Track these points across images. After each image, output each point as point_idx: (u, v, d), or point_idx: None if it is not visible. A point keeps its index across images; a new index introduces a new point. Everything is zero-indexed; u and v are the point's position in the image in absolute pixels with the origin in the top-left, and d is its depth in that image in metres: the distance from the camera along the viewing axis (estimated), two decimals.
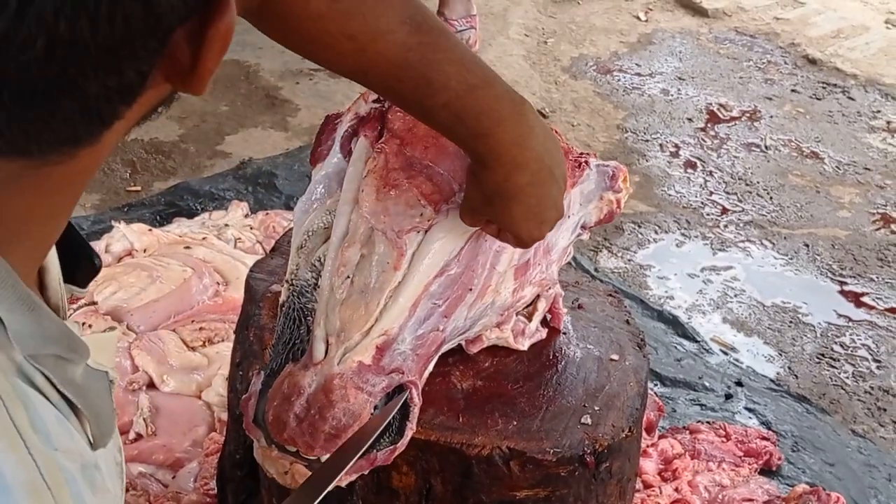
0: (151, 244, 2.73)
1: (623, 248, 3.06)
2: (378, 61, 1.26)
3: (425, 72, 1.26)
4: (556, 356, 1.61)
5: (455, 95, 1.27)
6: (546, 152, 1.35)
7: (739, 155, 3.55)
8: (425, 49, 1.26)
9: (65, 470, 0.78)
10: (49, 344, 0.82)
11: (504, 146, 1.31)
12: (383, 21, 1.25)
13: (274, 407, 1.35)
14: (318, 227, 1.51)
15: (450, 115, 1.28)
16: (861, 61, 4.13)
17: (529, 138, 1.32)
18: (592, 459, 1.45)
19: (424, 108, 1.29)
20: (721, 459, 2.30)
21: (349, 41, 1.24)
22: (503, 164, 1.32)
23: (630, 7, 4.48)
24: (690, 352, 2.69)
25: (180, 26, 0.72)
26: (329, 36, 1.24)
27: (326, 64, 1.31)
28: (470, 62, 1.29)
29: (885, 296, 2.95)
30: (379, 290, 1.41)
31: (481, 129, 1.30)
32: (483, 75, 1.30)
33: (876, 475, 2.38)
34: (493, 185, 1.34)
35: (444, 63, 1.27)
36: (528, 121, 1.33)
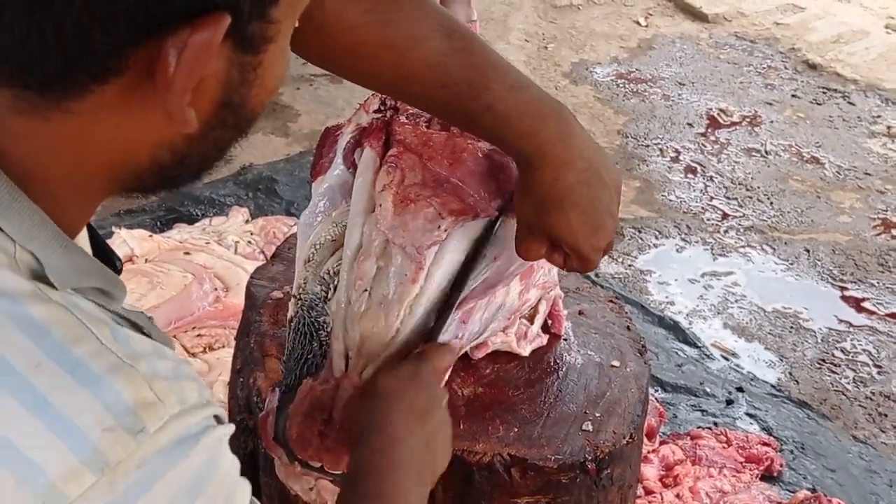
0: (152, 250, 2.72)
1: (624, 254, 3.06)
2: (418, 69, 1.26)
3: (466, 75, 1.26)
4: (556, 363, 1.60)
5: (498, 97, 1.27)
6: (591, 152, 1.34)
7: (740, 160, 3.55)
8: (463, 53, 1.26)
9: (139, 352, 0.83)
10: (87, 277, 0.86)
11: (549, 143, 1.30)
12: (419, 28, 1.25)
13: (297, 424, 1.34)
14: (325, 240, 1.50)
15: (494, 117, 1.28)
16: (861, 66, 4.13)
17: (573, 136, 1.31)
18: (594, 466, 1.45)
19: (468, 112, 1.28)
20: (722, 465, 2.30)
21: (388, 50, 1.24)
22: (550, 163, 1.30)
23: (630, 12, 4.48)
24: (691, 357, 2.69)
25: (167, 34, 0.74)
26: (367, 46, 1.23)
27: (367, 78, 1.30)
28: (505, 65, 1.29)
29: (886, 301, 2.95)
30: (398, 302, 1.39)
31: (525, 128, 1.29)
32: (519, 77, 1.30)
33: (877, 481, 2.38)
34: (543, 187, 1.32)
35: (482, 66, 1.27)
36: (569, 119, 1.32)
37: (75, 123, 0.79)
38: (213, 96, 0.81)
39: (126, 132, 0.81)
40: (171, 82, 0.76)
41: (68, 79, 0.76)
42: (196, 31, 0.75)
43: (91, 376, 0.78)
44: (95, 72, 0.76)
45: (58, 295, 0.81)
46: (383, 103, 1.58)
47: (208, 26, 0.75)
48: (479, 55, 1.27)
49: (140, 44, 0.75)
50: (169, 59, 0.75)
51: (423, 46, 1.25)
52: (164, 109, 0.78)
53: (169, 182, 0.89)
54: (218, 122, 0.84)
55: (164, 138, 0.82)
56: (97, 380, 0.78)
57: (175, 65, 0.75)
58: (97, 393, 0.78)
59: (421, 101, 1.33)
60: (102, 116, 0.79)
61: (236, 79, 0.82)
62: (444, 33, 1.26)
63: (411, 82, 1.27)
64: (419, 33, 1.25)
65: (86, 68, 0.75)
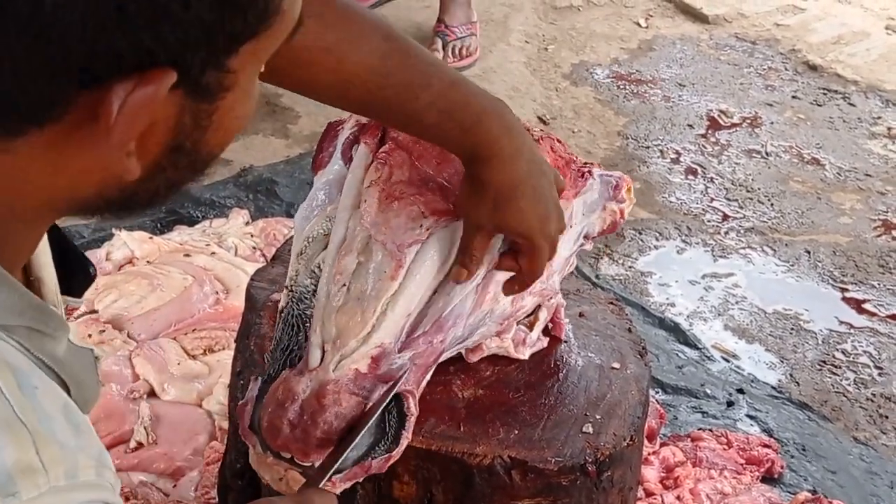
0: (152, 252, 2.72)
1: (624, 255, 3.06)
2: (359, 72, 1.27)
3: (406, 76, 1.27)
4: (557, 365, 1.61)
5: (438, 93, 1.28)
6: (532, 144, 1.36)
7: (740, 161, 3.55)
8: (401, 55, 1.27)
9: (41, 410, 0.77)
10: (12, 316, 0.81)
11: (494, 134, 1.31)
12: (357, 31, 1.26)
13: (268, 413, 1.36)
14: (318, 234, 1.51)
15: (436, 112, 1.29)
16: (862, 67, 4.13)
17: (514, 127, 1.33)
18: (594, 468, 1.45)
19: (410, 111, 1.30)
20: (723, 467, 2.30)
21: (326, 53, 1.25)
22: (498, 154, 1.32)
23: (631, 13, 4.48)
24: (692, 359, 2.69)
25: (111, 83, 0.72)
26: (305, 51, 1.23)
27: (308, 84, 1.30)
28: (440, 63, 1.32)
29: (887, 302, 2.94)
30: (375, 298, 1.41)
31: (470, 120, 1.30)
32: (454, 73, 1.33)
33: (878, 483, 2.38)
34: (495, 181, 1.34)
35: (420, 65, 1.28)
36: (508, 112, 1.34)
37: (10, 161, 0.76)
38: (162, 141, 0.79)
39: (67, 171, 0.78)
40: (111, 133, 0.74)
41: (2, 121, 0.74)
42: (140, 85, 0.73)
43: None
44: (31, 116, 0.74)
45: None
46: None
47: (152, 81, 0.73)
48: (416, 55, 1.29)
49: (81, 92, 0.73)
50: (111, 109, 0.73)
51: (362, 49, 1.26)
52: (104, 156, 0.76)
53: (119, 211, 0.87)
54: (168, 164, 0.82)
55: (109, 177, 0.79)
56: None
57: (115, 115, 0.73)
58: None
59: (363, 105, 1.34)
60: (39, 155, 0.76)
61: (189, 125, 0.80)
62: (381, 35, 1.27)
63: (352, 86, 1.28)
64: (357, 36, 1.26)
65: (21, 112, 0.73)
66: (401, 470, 1.41)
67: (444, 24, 3.92)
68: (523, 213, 1.36)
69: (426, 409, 1.44)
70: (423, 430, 1.43)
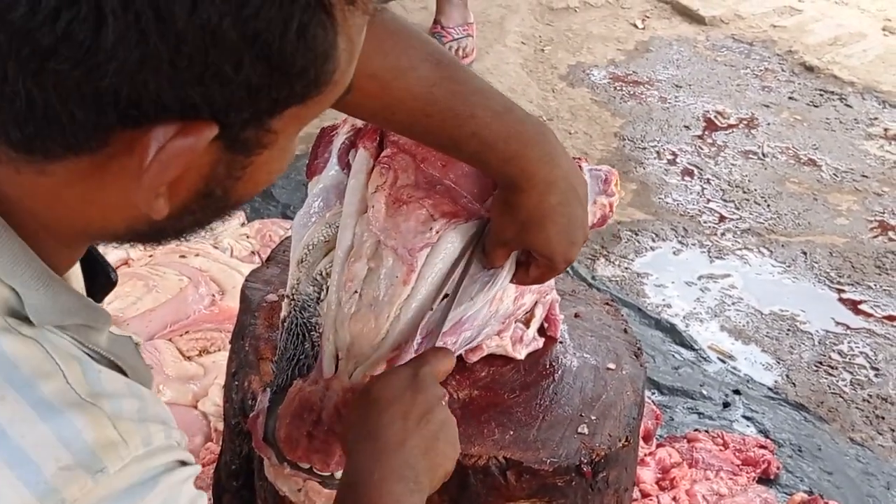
0: (147, 253, 2.72)
1: (620, 257, 3.06)
2: (403, 98, 1.27)
3: (451, 104, 1.27)
4: (552, 366, 1.60)
5: (482, 123, 1.29)
6: (571, 171, 1.37)
7: (737, 162, 3.55)
8: (448, 82, 1.28)
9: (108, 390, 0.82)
10: (68, 316, 0.86)
11: (534, 166, 1.32)
12: (405, 59, 1.26)
13: (286, 425, 1.34)
14: (318, 241, 1.50)
15: (479, 143, 1.30)
16: (858, 68, 4.13)
17: (556, 157, 1.34)
18: (589, 469, 1.44)
19: (453, 139, 1.30)
20: (719, 468, 2.30)
21: (372, 80, 1.24)
22: (535, 185, 1.33)
23: (627, 15, 4.48)
24: (688, 360, 2.68)
25: (154, 124, 0.74)
26: None
27: (350, 107, 1.31)
28: (489, 90, 1.32)
29: (883, 303, 2.94)
30: (389, 304, 1.40)
31: (510, 152, 1.31)
32: (503, 101, 1.32)
33: (874, 483, 2.38)
34: (528, 208, 1.35)
35: (467, 94, 1.28)
36: (551, 140, 1.35)
37: (47, 184, 0.78)
38: (194, 187, 0.81)
39: (99, 202, 0.81)
40: (144, 174, 0.76)
41: (43, 144, 0.75)
42: (180, 134, 0.74)
43: (53, 412, 0.78)
44: (72, 142, 0.75)
45: (31, 330, 0.81)
46: None
47: (193, 133, 0.75)
48: (463, 83, 1.29)
49: (124, 129, 0.74)
50: (148, 151, 0.75)
51: (408, 77, 1.26)
52: (134, 194, 0.78)
53: (148, 242, 0.91)
54: (198, 208, 0.84)
55: (139, 214, 0.81)
56: (59, 416, 0.78)
57: (151, 158, 0.75)
58: (57, 429, 0.77)
59: (406, 128, 1.34)
60: (75, 182, 0.78)
61: (222, 174, 0.82)
62: (432, 63, 1.27)
63: (395, 111, 1.29)
64: (405, 63, 1.26)
65: (61, 139, 0.75)
66: None
67: (440, 26, 3.92)
68: (549, 240, 1.37)
69: None
70: None
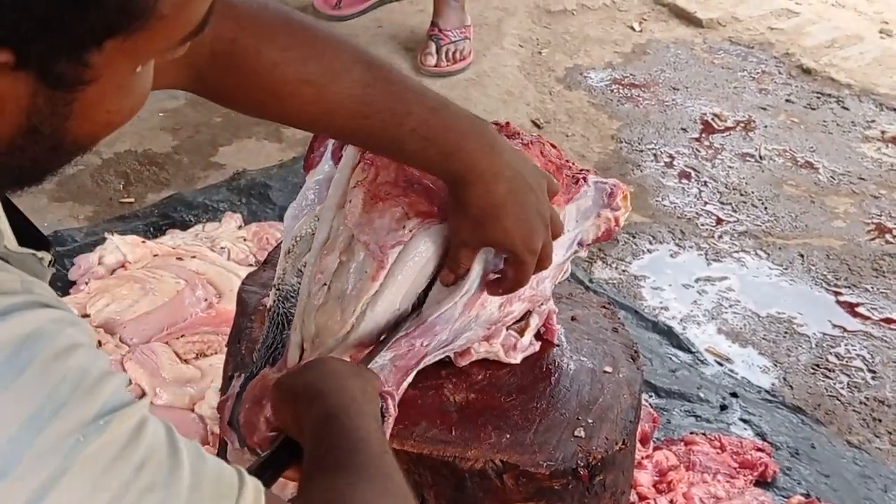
0: (144, 256, 2.72)
1: (617, 259, 3.06)
2: (341, 101, 1.29)
3: (388, 103, 1.30)
4: (549, 369, 1.60)
5: (420, 119, 1.31)
6: (516, 160, 1.39)
7: (734, 165, 3.55)
8: (382, 83, 1.30)
9: None
10: None
11: (476, 157, 1.34)
12: (337, 62, 1.28)
13: (245, 410, 1.36)
14: (305, 233, 1.52)
15: (419, 139, 1.32)
16: (855, 71, 4.13)
17: (496, 146, 1.36)
18: (586, 472, 1.44)
19: (395, 138, 1.32)
20: (716, 471, 2.30)
21: (308, 86, 1.27)
22: (480, 176, 1.35)
23: (624, 17, 4.48)
24: (685, 363, 2.68)
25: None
26: (287, 84, 1.27)
27: (290, 116, 1.34)
28: (421, 88, 1.34)
29: (881, 306, 2.94)
30: (355, 298, 1.41)
31: (450, 146, 1.33)
32: (437, 98, 1.35)
33: (871, 486, 2.38)
34: (477, 201, 1.37)
35: (402, 92, 1.31)
36: (490, 131, 1.37)
37: None
38: (16, 121, 0.82)
39: None
40: None
41: None
42: None
43: None
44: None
45: None
46: None
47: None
48: (397, 82, 1.32)
49: None
50: None
51: (343, 80, 1.28)
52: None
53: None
54: (28, 145, 0.84)
55: None
56: None
57: None
58: None
59: (347, 133, 1.36)
60: None
61: (44, 109, 0.82)
62: (362, 65, 1.30)
63: (335, 116, 1.31)
64: (338, 67, 1.28)
65: None
66: None
67: (437, 28, 3.92)
68: (506, 231, 1.38)
69: (417, 413, 1.44)
70: (415, 435, 1.43)
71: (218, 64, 1.24)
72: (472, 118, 1.36)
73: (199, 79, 1.26)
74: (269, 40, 1.25)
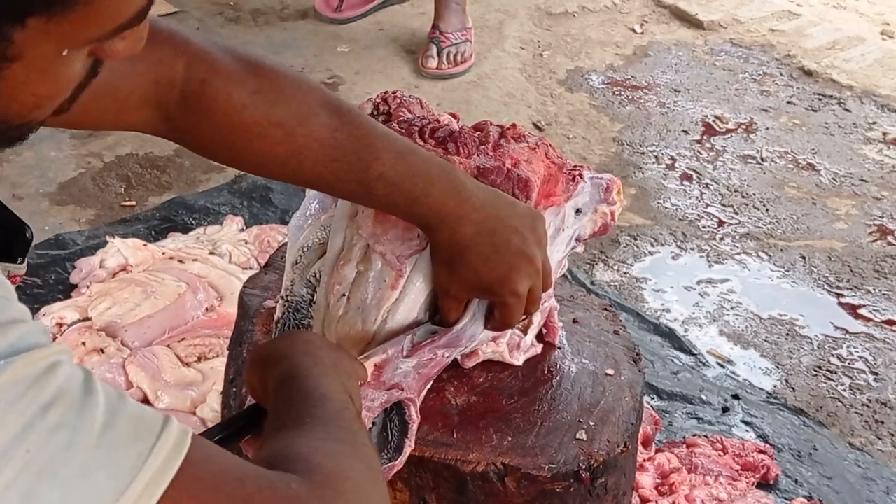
0: (146, 259, 2.72)
1: (619, 261, 3.06)
2: (309, 144, 1.30)
3: (356, 147, 1.30)
4: (550, 371, 1.60)
5: (388, 164, 1.31)
6: (488, 203, 1.39)
7: (735, 167, 3.55)
8: (350, 127, 1.31)
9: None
10: None
11: (440, 202, 1.34)
12: (305, 105, 1.29)
13: None
14: (313, 243, 1.52)
15: (386, 184, 1.32)
16: (857, 73, 4.13)
17: (463, 191, 1.36)
18: (588, 475, 1.44)
19: (362, 182, 1.32)
20: (718, 473, 2.29)
21: (277, 128, 1.28)
22: (444, 220, 1.36)
23: (626, 19, 4.48)
24: (687, 365, 2.68)
25: None
26: (256, 126, 1.28)
27: (258, 158, 1.35)
28: (390, 134, 1.35)
29: (883, 308, 2.94)
30: (376, 308, 1.41)
31: (417, 191, 1.33)
32: (406, 143, 1.36)
33: (874, 488, 2.38)
34: (443, 244, 1.38)
35: (370, 137, 1.32)
36: (457, 176, 1.37)
37: None
38: None
39: None
40: None
41: None
42: None
43: None
44: None
45: None
46: (376, 107, 1.59)
47: None
48: (365, 127, 1.32)
49: None
50: None
51: (312, 123, 1.29)
52: None
53: None
54: None
55: None
56: None
57: None
58: None
59: (314, 176, 1.36)
60: None
61: None
62: (330, 109, 1.31)
63: (303, 158, 1.31)
64: (306, 110, 1.29)
65: None
66: (394, 477, 1.41)
67: (438, 31, 3.92)
68: (476, 271, 1.38)
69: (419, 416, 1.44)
70: (417, 437, 1.42)
71: (188, 105, 1.26)
72: (440, 164, 1.36)
73: (167, 119, 1.27)
74: (238, 84, 1.27)
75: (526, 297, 1.42)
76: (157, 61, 1.23)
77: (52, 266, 2.77)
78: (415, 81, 3.87)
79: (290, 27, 4.23)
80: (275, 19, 4.28)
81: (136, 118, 1.26)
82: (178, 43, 1.25)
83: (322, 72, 3.90)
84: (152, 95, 1.24)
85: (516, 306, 1.42)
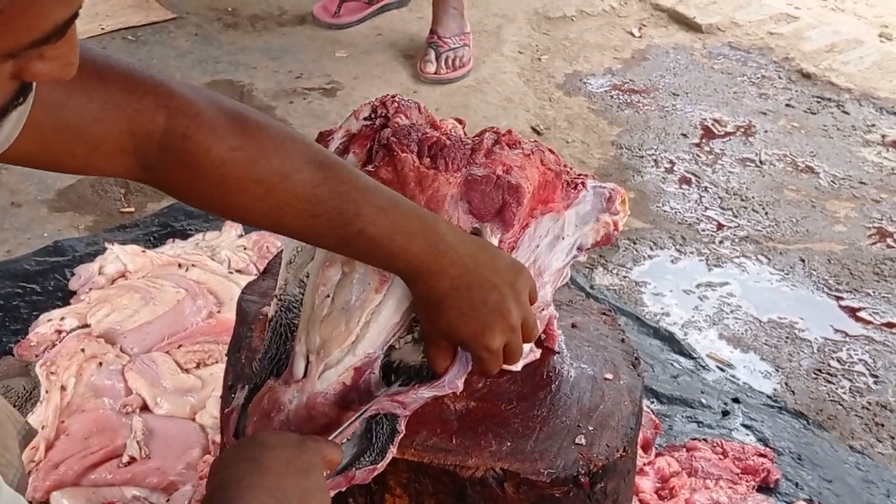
0: (145, 266, 2.72)
1: (618, 265, 3.05)
2: (290, 200, 1.30)
3: (337, 203, 1.31)
4: (549, 376, 1.60)
5: (368, 221, 1.32)
6: (468, 257, 1.38)
7: (734, 170, 3.55)
8: (332, 182, 1.31)
9: None
10: None
11: (418, 258, 1.35)
12: (287, 163, 1.29)
13: (254, 422, 1.36)
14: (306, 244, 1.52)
15: (366, 239, 1.33)
16: (855, 75, 4.13)
17: (442, 246, 1.36)
18: (587, 480, 1.44)
19: (342, 237, 1.33)
20: (718, 477, 2.29)
21: (257, 185, 1.29)
22: (421, 275, 1.36)
23: (624, 23, 4.48)
24: (687, 369, 2.68)
25: None
26: (235, 181, 1.29)
27: (238, 211, 1.35)
28: (373, 187, 1.35)
29: (882, 310, 2.94)
30: (359, 308, 1.42)
31: (396, 248, 1.34)
32: (389, 197, 1.35)
33: (874, 491, 2.37)
34: (419, 295, 1.39)
35: (351, 192, 1.32)
36: (438, 230, 1.37)
37: None
38: None
39: None
40: None
41: None
42: None
43: None
44: None
45: None
46: (374, 111, 1.59)
47: None
48: (347, 182, 1.32)
49: None
50: None
51: (293, 179, 1.29)
52: None
53: None
54: None
55: None
56: None
57: None
58: None
59: (295, 231, 1.37)
60: None
61: None
62: (314, 164, 1.31)
63: (283, 214, 1.32)
64: (288, 166, 1.29)
65: None
66: (393, 483, 1.41)
67: (436, 35, 3.92)
68: (452, 325, 1.39)
69: (418, 422, 1.44)
70: (415, 443, 1.42)
71: (167, 157, 1.26)
72: (422, 218, 1.36)
73: (146, 168, 1.27)
74: (220, 139, 1.27)
75: (501, 351, 1.42)
76: (135, 111, 1.23)
77: (51, 273, 2.77)
78: (413, 86, 3.87)
79: (289, 32, 4.23)
80: (273, 25, 4.28)
81: (111, 165, 1.26)
82: (162, 94, 1.25)
83: (320, 77, 3.90)
84: (129, 145, 1.24)
85: (491, 360, 1.42)
